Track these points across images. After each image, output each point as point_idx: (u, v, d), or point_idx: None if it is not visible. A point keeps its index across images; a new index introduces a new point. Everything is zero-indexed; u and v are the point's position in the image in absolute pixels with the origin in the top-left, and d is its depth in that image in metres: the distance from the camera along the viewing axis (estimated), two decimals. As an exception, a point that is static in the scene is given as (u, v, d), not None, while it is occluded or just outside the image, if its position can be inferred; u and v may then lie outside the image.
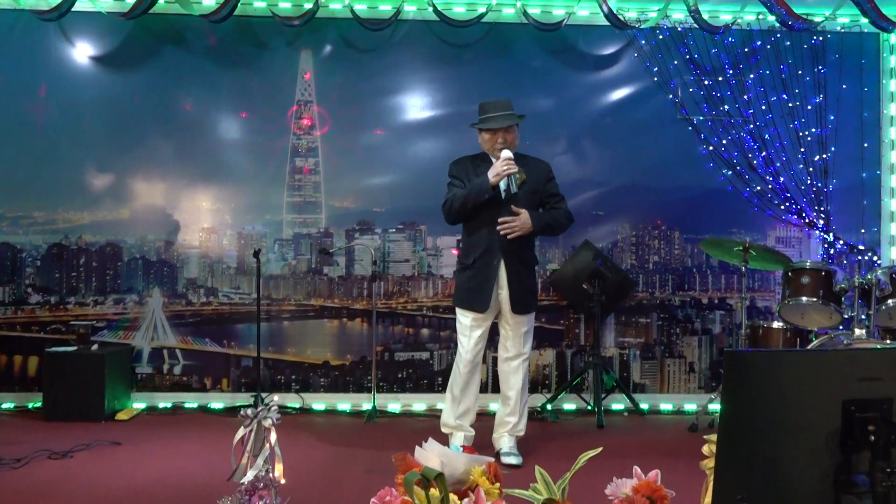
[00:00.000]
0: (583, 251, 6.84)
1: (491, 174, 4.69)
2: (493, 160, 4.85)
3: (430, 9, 6.64)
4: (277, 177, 7.07)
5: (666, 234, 7.22)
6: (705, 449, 2.92)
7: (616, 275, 6.69)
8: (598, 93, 7.19)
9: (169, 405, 6.92)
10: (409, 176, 7.05)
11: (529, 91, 7.00)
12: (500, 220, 4.74)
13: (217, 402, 6.93)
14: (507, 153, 4.74)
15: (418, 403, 6.93)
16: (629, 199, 7.20)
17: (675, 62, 7.05)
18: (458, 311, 5.00)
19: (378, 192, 7.11)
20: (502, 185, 4.80)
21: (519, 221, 4.76)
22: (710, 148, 7.03)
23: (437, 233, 7.08)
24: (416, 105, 7.11)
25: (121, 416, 6.46)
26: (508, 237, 4.74)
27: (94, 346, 6.55)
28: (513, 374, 4.98)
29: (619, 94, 7.20)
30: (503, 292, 4.84)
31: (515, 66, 7.09)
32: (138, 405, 6.87)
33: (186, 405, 6.93)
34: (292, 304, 7.01)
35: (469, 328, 4.87)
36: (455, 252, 6.87)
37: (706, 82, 7.01)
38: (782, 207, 7.00)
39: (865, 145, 7.11)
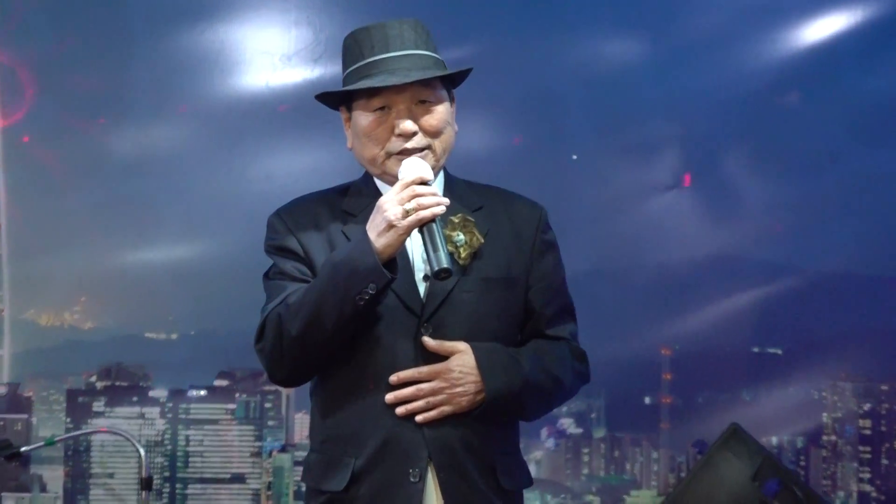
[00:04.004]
0: (726, 454, 4.30)
1: (374, 230, 2.14)
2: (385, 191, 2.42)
3: None
4: None
5: (959, 408, 5.66)
6: None
7: (822, 521, 4.65)
8: (767, 27, 5.17)
9: None
10: (235, 242, 5.18)
11: (573, 21, 5.48)
12: (393, 377, 2.23)
13: None
14: (413, 166, 2.19)
15: None
16: (851, 316, 5.04)
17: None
18: None
19: (159, 283, 4.94)
20: (416, 257, 2.27)
21: (446, 383, 2.29)
22: None
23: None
24: (263, 63, 5.37)
25: None
26: (418, 420, 2.25)
27: None
28: None
29: (817, 30, 5.04)
30: None
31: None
32: None
33: None
34: None
35: None
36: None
37: None
38: None
39: None
